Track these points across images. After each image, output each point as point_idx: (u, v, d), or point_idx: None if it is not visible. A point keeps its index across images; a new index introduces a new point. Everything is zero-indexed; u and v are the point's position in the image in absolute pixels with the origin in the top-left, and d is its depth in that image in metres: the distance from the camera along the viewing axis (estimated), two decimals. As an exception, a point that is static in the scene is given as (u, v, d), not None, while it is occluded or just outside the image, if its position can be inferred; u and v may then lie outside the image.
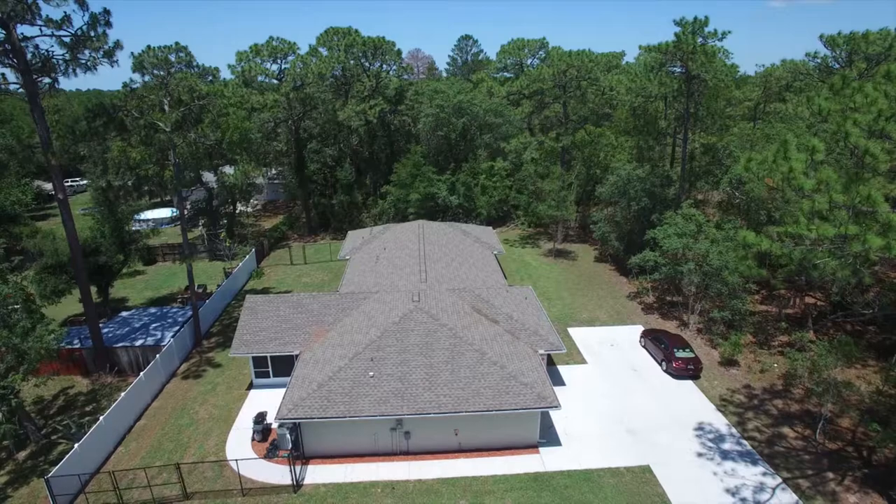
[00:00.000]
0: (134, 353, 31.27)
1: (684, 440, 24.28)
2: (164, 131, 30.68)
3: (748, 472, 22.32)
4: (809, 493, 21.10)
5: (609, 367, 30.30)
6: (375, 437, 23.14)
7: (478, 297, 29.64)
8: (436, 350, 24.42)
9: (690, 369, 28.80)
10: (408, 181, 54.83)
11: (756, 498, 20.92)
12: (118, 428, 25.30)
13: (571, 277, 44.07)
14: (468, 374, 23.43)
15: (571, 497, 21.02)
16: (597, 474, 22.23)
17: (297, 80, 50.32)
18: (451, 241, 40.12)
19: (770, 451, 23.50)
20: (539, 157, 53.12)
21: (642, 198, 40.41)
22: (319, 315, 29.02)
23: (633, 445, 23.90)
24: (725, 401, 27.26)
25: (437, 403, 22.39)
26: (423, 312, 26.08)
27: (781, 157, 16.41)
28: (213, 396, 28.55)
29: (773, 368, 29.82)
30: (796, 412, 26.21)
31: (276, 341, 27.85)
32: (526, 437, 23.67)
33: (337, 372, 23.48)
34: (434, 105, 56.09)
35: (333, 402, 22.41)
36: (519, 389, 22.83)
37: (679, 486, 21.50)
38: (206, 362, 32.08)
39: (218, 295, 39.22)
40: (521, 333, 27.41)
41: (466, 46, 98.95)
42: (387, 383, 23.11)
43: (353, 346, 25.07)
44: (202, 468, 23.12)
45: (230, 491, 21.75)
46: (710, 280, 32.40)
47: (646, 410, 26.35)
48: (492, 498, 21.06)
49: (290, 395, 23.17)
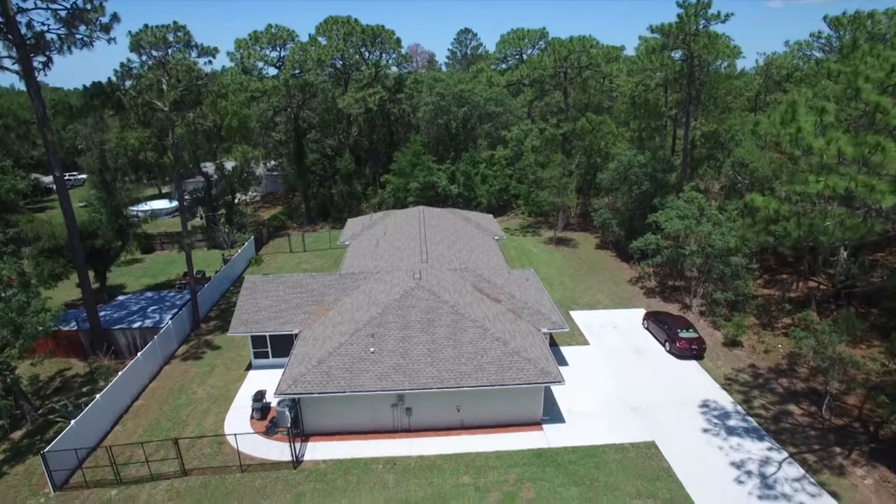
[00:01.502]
0: (131, 335, 30.91)
1: (689, 417, 24.01)
2: (161, 110, 30.35)
3: (754, 446, 22.05)
4: (816, 467, 20.84)
5: (611, 348, 30.03)
6: (376, 414, 22.83)
7: (479, 277, 29.33)
8: (437, 326, 24.11)
9: (694, 349, 28.53)
10: (407, 170, 54.51)
11: (762, 471, 20.66)
12: (115, 407, 24.96)
13: (572, 263, 43.80)
14: (470, 349, 23.13)
15: (576, 472, 20.73)
16: (601, 450, 21.94)
17: (297, 66, 49.97)
18: (451, 225, 39.82)
19: (776, 428, 23.24)
20: (540, 144, 52.82)
21: (644, 182, 40.14)
22: (319, 295, 28.69)
23: (637, 422, 23.62)
24: (730, 380, 27.00)
25: (439, 378, 22.08)
26: (425, 290, 25.77)
27: (790, 118, 16.14)
28: (212, 377, 28.21)
29: (777, 349, 29.57)
30: (802, 390, 25.95)
31: (275, 321, 27.52)
32: (529, 414, 23.37)
33: (337, 348, 23.16)
34: (434, 93, 55.78)
35: (333, 378, 22.09)
36: (522, 365, 22.53)
37: (685, 460, 21.23)
38: (204, 345, 31.73)
39: (216, 281, 38.87)
40: (524, 312, 27.12)
41: (466, 40, 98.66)
42: (388, 359, 22.79)
43: (353, 323, 24.75)
44: (200, 445, 22.79)
45: (229, 467, 21.42)
46: (713, 261, 32.14)
47: (649, 389, 26.08)
48: (495, 473, 20.76)
49: (290, 371, 22.85)
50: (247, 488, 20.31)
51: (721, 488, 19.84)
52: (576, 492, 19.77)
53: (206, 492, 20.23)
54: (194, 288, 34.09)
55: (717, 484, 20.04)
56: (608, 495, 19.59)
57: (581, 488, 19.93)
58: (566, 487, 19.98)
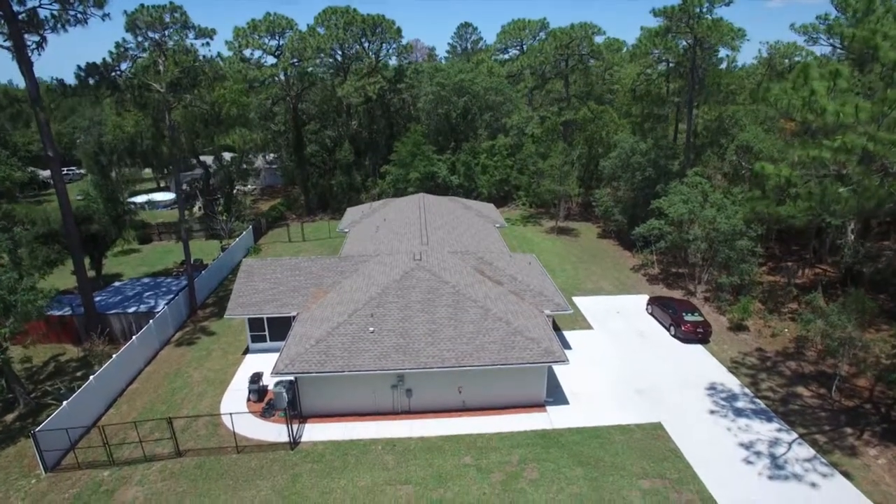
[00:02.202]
0: (127, 319, 30.40)
1: (696, 399, 23.49)
2: (158, 91, 29.83)
3: (763, 428, 21.53)
4: (827, 448, 20.31)
5: (615, 333, 29.51)
6: (376, 396, 22.29)
7: (480, 260, 28.81)
8: (438, 307, 23.58)
9: (700, 333, 28.00)
10: (407, 160, 53.99)
11: (772, 451, 20.13)
12: (109, 390, 24.42)
13: (574, 251, 43.29)
14: (472, 329, 22.60)
15: (581, 453, 20.21)
16: (606, 431, 21.41)
17: (295, 54, 49.43)
18: (452, 212, 39.31)
19: (784, 410, 22.72)
20: (541, 133, 52.30)
21: (647, 168, 39.60)
22: (318, 277, 28.17)
23: (642, 404, 23.09)
24: (737, 363, 26.47)
25: (440, 358, 21.55)
26: (425, 270, 25.25)
27: (802, 82, 15.62)
28: (208, 361, 27.69)
29: (783, 333, 29.04)
30: (811, 373, 25.43)
31: (273, 303, 27.00)
32: (532, 396, 22.83)
33: (336, 328, 22.63)
34: (435, 83, 55.25)
35: (332, 357, 21.56)
36: (525, 344, 22.00)
37: (692, 441, 20.70)
38: (200, 330, 31.21)
39: (214, 269, 38.35)
40: (526, 294, 26.59)
41: (466, 34, 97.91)
42: (388, 338, 22.27)
43: (352, 303, 24.23)
44: (195, 427, 22.27)
45: (224, 448, 20.90)
46: (718, 245, 31.61)
47: (655, 372, 25.55)
48: (497, 454, 20.23)
49: (287, 351, 22.33)
50: (242, 469, 19.79)
51: (730, 469, 19.32)
52: (581, 472, 19.24)
53: (201, 472, 19.70)
54: (191, 274, 33.57)
55: (726, 464, 19.52)
56: (614, 475, 19.06)
57: (586, 468, 19.40)
58: (571, 468, 19.46)
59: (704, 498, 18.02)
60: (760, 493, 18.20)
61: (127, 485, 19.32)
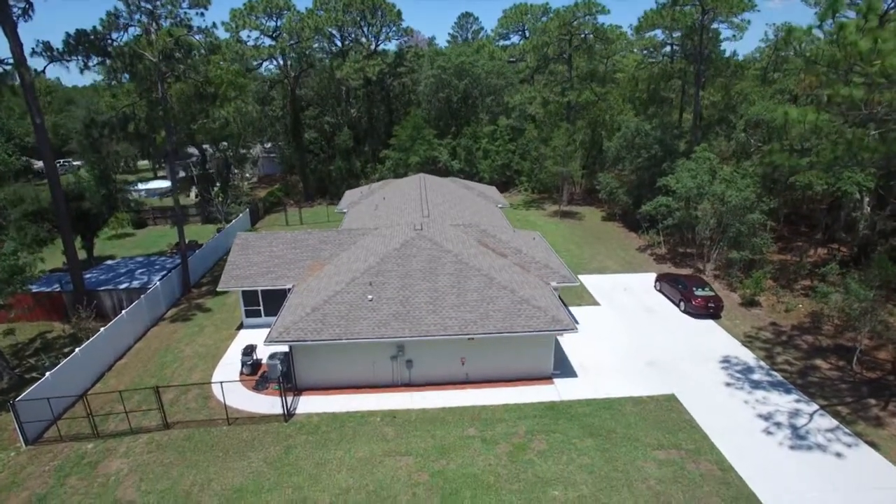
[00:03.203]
0: (117, 296, 29.35)
1: (709, 371, 22.44)
2: (150, 60, 28.77)
3: (781, 399, 20.48)
4: (850, 419, 19.26)
5: (623, 308, 28.47)
6: (374, 367, 21.24)
7: (483, 233, 27.76)
8: (440, 275, 22.54)
9: (711, 307, 26.95)
10: (407, 144, 52.95)
11: (792, 422, 19.09)
12: (96, 364, 23.35)
13: (578, 233, 42.25)
14: (476, 297, 21.55)
15: (592, 424, 19.16)
16: (618, 403, 20.36)
17: (294, 34, 48.36)
18: (453, 192, 38.24)
19: (803, 382, 21.67)
20: (543, 116, 51.24)
21: (653, 145, 38.54)
22: (315, 250, 27.13)
23: (654, 376, 22.05)
24: (751, 337, 25.42)
25: (442, 326, 20.50)
26: (426, 240, 24.20)
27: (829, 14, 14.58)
28: (201, 336, 26.65)
29: (798, 308, 27.99)
30: (828, 346, 24.38)
31: (268, 276, 25.97)
32: (539, 368, 21.78)
33: (332, 296, 21.58)
34: (435, 66, 54.23)
35: (328, 325, 20.51)
36: (532, 312, 20.95)
37: (708, 413, 19.66)
38: (194, 307, 30.16)
39: (209, 249, 37.33)
40: (531, 266, 25.54)
41: (467, 24, 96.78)
42: (387, 307, 21.21)
43: (350, 273, 23.18)
44: (185, 399, 21.23)
45: (215, 420, 19.85)
46: (728, 220, 30.52)
47: (665, 345, 24.51)
48: (503, 426, 19.18)
49: (282, 320, 21.29)
50: (233, 440, 18.74)
51: (749, 439, 18.27)
52: (592, 443, 18.20)
53: (189, 444, 18.65)
54: (185, 252, 32.51)
55: (745, 435, 18.47)
56: (627, 446, 18.02)
57: (597, 440, 18.36)
58: (581, 439, 18.41)
59: (724, 468, 16.99)
60: (782, 463, 17.16)
61: (111, 457, 18.29)
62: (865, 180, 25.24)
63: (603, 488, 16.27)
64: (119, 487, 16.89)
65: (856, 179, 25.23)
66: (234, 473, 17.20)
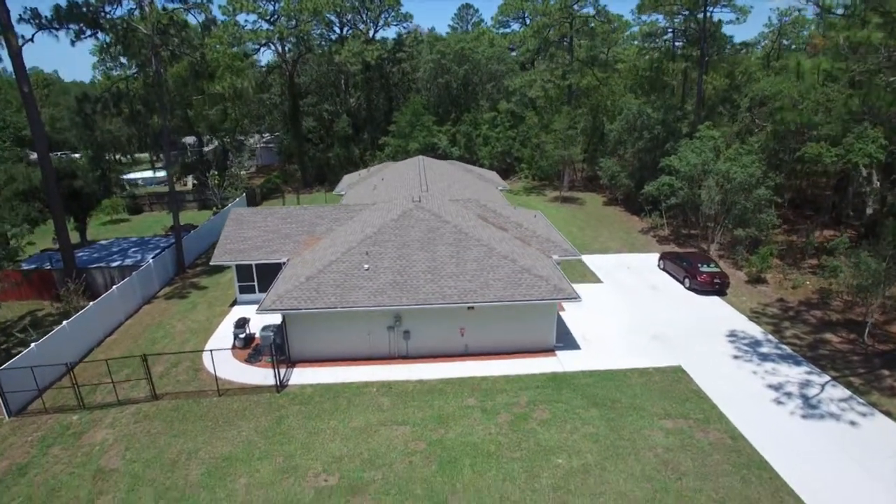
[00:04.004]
0: (109, 273, 28.70)
1: (716, 345, 21.76)
2: (143, 34, 28.10)
3: (791, 371, 19.80)
4: (864, 389, 18.57)
5: (626, 286, 27.81)
6: (370, 338, 20.56)
7: (483, 208, 27.08)
8: (439, 245, 21.86)
9: (717, 283, 26.27)
10: (407, 130, 52.28)
11: (803, 393, 18.41)
12: (85, 338, 22.64)
13: (580, 216, 41.57)
14: (475, 266, 20.87)
15: (596, 395, 18.47)
16: (623, 374, 19.68)
17: (292, 17, 47.67)
18: (453, 173, 37.57)
19: (813, 354, 20.98)
20: (543, 102, 50.58)
21: (655, 126, 37.82)
22: (311, 225, 26.46)
23: (660, 349, 21.37)
24: (757, 313, 24.74)
25: (440, 294, 19.81)
26: (425, 210, 23.53)
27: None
28: (193, 313, 25.99)
29: (805, 285, 27.30)
30: (838, 321, 23.70)
31: (262, 250, 25.29)
32: (541, 340, 21.10)
33: (328, 266, 20.90)
34: (435, 51, 53.59)
35: (323, 294, 19.83)
36: (533, 281, 20.27)
37: (716, 383, 18.98)
38: (188, 286, 29.48)
39: (204, 230, 36.61)
40: (532, 240, 24.86)
41: (467, 16, 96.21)
42: (384, 276, 20.53)
43: (346, 244, 22.50)
44: (175, 372, 20.56)
45: (205, 392, 19.18)
46: (734, 197, 29.81)
47: (670, 320, 23.83)
48: (504, 396, 18.50)
49: (276, 289, 20.63)
50: (223, 410, 18.07)
51: (760, 409, 17.59)
52: (596, 413, 17.51)
53: (178, 414, 17.98)
54: (179, 232, 31.83)
55: (754, 405, 17.79)
56: (633, 416, 17.33)
57: (602, 409, 17.67)
58: (585, 409, 17.73)
59: (734, 436, 16.30)
60: (794, 431, 16.48)
61: (97, 427, 17.61)
62: (877, 152, 24.54)
63: (609, 456, 15.59)
64: (104, 456, 16.22)
65: (867, 151, 24.54)
66: (223, 443, 16.52)
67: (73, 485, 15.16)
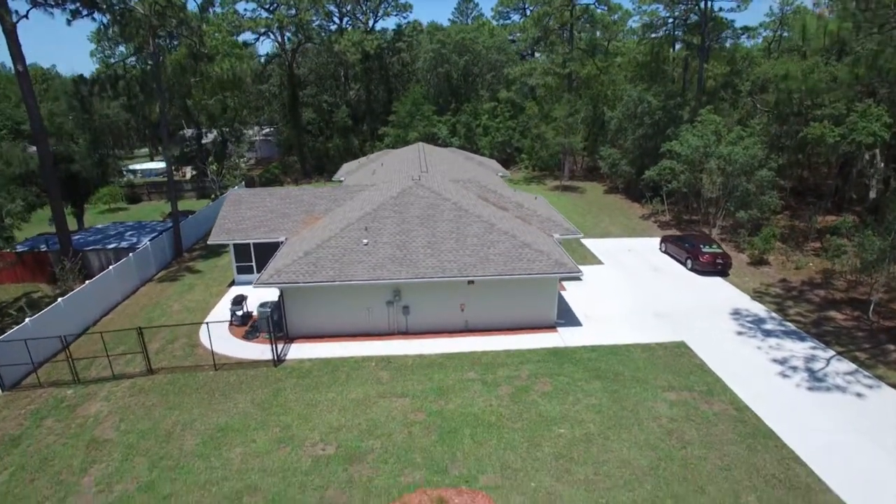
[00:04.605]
0: (105, 255, 28.42)
1: (720, 321, 21.50)
2: (140, 14, 27.82)
3: (796, 346, 19.55)
4: (870, 363, 18.31)
5: (628, 267, 27.56)
6: (369, 314, 20.29)
7: (483, 188, 26.81)
8: (439, 222, 21.59)
9: (719, 264, 26.02)
10: (406, 120, 52.04)
11: (809, 366, 18.14)
12: (80, 316, 22.33)
13: (580, 204, 41.32)
14: (476, 242, 20.60)
15: (598, 368, 18.21)
16: (625, 349, 19.42)
17: (291, 5, 47.40)
18: (452, 159, 37.29)
19: (818, 331, 20.71)
20: (543, 92, 50.31)
21: (656, 111, 37.56)
22: (310, 206, 26.18)
23: (662, 326, 21.11)
24: (760, 292, 24.47)
25: (440, 269, 19.55)
26: (425, 188, 23.28)
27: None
28: (191, 294, 25.71)
29: (808, 267, 27.05)
30: (842, 299, 23.44)
31: (260, 229, 25.03)
32: (542, 316, 20.83)
33: (326, 241, 20.64)
34: (435, 41, 53.34)
35: (321, 268, 19.56)
36: (534, 256, 20.01)
37: (719, 357, 18.72)
38: (185, 269, 29.20)
39: (202, 216, 36.34)
40: (533, 219, 24.59)
41: (467, 10, 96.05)
42: (383, 250, 20.27)
43: (345, 220, 22.24)
44: (171, 349, 20.30)
45: (201, 367, 18.90)
46: (735, 179, 29.52)
47: (673, 299, 23.57)
48: (505, 370, 18.22)
49: (274, 263, 20.37)
50: (220, 383, 17.79)
51: (764, 382, 17.33)
52: (599, 385, 17.24)
53: (173, 387, 17.71)
54: (177, 216, 31.56)
55: (759, 378, 17.53)
56: (636, 388, 17.06)
57: (605, 382, 17.40)
58: (587, 381, 17.46)
59: (739, 407, 16.04)
60: (800, 403, 16.22)
61: (91, 400, 17.33)
62: (881, 130, 24.26)
63: (612, 426, 15.32)
64: (97, 427, 15.94)
65: (871, 129, 24.27)
66: (218, 414, 16.25)
67: (66, 454, 14.88)
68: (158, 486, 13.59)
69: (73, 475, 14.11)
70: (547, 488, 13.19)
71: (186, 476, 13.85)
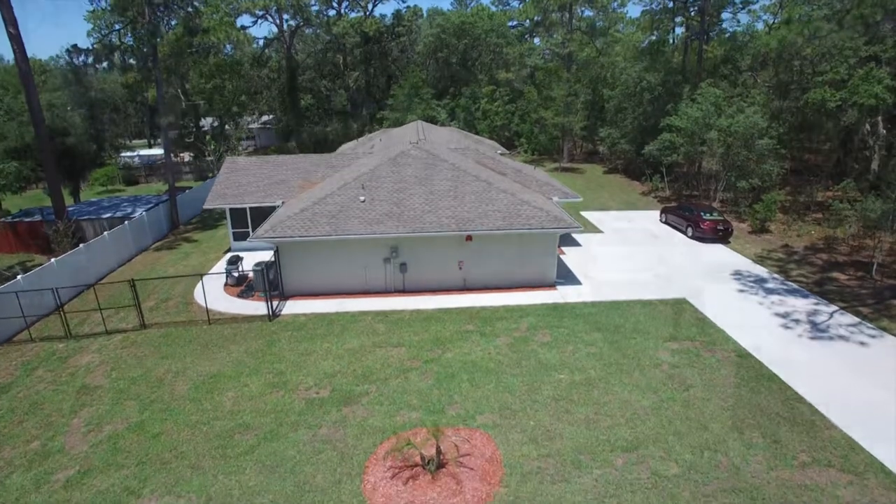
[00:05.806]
0: (100, 225, 28.12)
1: (721, 283, 21.22)
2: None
3: (798, 302, 19.28)
4: (873, 317, 18.05)
5: (628, 235, 27.33)
6: (366, 271, 20.02)
7: (482, 156, 26.58)
8: (437, 181, 21.33)
9: (720, 231, 25.76)
10: (405, 104, 51.79)
11: (812, 319, 17.88)
12: (74, 278, 22.03)
13: (580, 182, 41.04)
14: (474, 199, 20.34)
15: (598, 321, 17.93)
16: (626, 304, 19.15)
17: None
18: (452, 137, 37.07)
19: (821, 290, 20.44)
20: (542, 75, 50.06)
21: (656, 88, 37.32)
22: (307, 172, 25.95)
23: (664, 284, 20.84)
24: (762, 257, 24.21)
25: (438, 224, 19.28)
26: (423, 150, 23.03)
27: None
28: (186, 260, 25.43)
29: (810, 234, 26.79)
30: (845, 262, 23.17)
31: (257, 194, 24.78)
32: (541, 275, 20.55)
33: (322, 199, 20.38)
34: (435, 25, 53.13)
35: (317, 224, 19.30)
36: (532, 212, 19.75)
37: (721, 312, 18.44)
38: (181, 240, 28.93)
39: (199, 191, 35.99)
40: (532, 184, 24.36)
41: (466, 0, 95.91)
42: (380, 206, 20.01)
43: (341, 180, 21.98)
44: (166, 307, 20.02)
45: (195, 321, 18.62)
46: (736, 150, 29.24)
47: (674, 263, 23.31)
48: (504, 323, 17.95)
49: (269, 221, 20.10)
50: (213, 336, 17.52)
51: (767, 333, 17.06)
52: (599, 336, 16.97)
53: (166, 340, 17.43)
54: (173, 188, 31.29)
55: (762, 330, 17.25)
56: (637, 338, 16.78)
57: (605, 333, 17.13)
58: (587, 332, 17.19)
59: (742, 355, 15.76)
60: (803, 350, 15.96)
61: (83, 353, 17.05)
62: (883, 93, 24.00)
63: (612, 372, 15.04)
64: (88, 376, 15.66)
65: (873, 92, 24.01)
66: (211, 363, 15.97)
67: (56, 399, 14.60)
68: (148, 425, 13.31)
69: (62, 417, 13.83)
70: (546, 426, 12.91)
71: (177, 417, 13.58)
